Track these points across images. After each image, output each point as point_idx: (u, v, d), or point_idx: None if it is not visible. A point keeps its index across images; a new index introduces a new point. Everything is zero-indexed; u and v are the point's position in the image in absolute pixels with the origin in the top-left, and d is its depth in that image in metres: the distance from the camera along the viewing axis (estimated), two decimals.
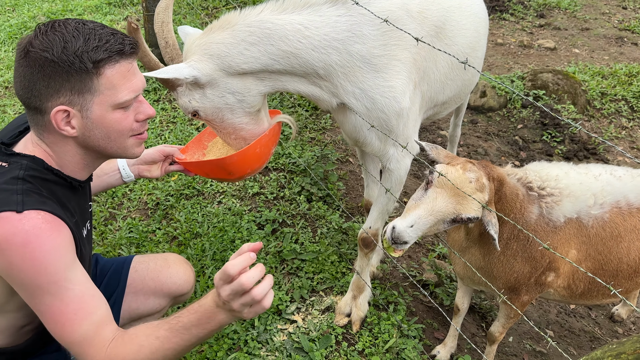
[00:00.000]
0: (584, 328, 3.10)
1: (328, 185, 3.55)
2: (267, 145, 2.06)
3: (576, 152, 4.50)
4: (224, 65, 1.83)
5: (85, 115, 1.38)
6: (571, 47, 6.51)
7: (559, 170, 2.12)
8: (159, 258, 2.06)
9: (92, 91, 1.35)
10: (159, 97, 4.54)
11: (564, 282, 2.13)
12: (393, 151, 2.21)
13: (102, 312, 1.38)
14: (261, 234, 3.10)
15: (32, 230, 1.25)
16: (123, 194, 3.44)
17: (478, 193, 1.79)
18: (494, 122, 4.87)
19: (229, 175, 2.03)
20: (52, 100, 1.34)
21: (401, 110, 2.07)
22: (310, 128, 4.29)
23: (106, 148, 1.46)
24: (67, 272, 1.32)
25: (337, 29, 1.88)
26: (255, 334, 2.49)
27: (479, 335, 2.82)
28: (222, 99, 1.90)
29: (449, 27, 2.19)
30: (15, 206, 1.26)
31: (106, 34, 1.36)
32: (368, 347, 2.48)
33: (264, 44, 1.83)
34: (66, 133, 1.38)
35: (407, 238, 1.76)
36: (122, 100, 1.40)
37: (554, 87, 4.96)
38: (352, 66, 1.95)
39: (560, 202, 2.02)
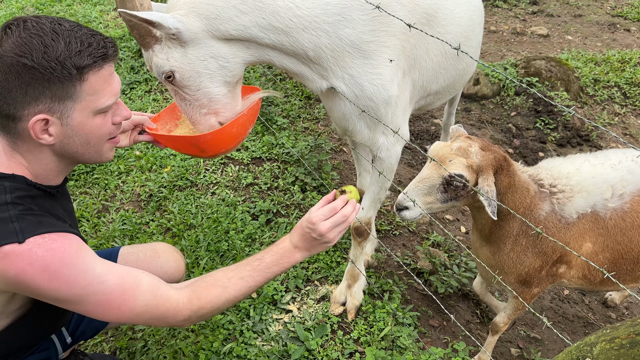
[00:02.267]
0: (578, 314, 3.12)
1: (322, 175, 3.54)
2: (244, 125, 1.98)
3: (569, 139, 4.52)
4: (212, 28, 1.75)
5: (65, 122, 1.31)
6: (564, 34, 6.50)
7: (571, 166, 2.11)
8: (148, 248, 2.03)
9: (73, 98, 1.29)
10: (151, 88, 4.50)
11: (578, 272, 2.15)
12: (383, 140, 2.19)
13: (147, 280, 1.41)
14: (255, 224, 3.09)
15: (46, 253, 1.23)
16: (116, 185, 3.42)
17: (459, 157, 1.91)
18: (487, 109, 4.87)
19: (201, 153, 1.94)
20: (30, 108, 1.26)
21: (389, 98, 2.05)
22: (304, 118, 4.27)
23: (83, 154, 1.41)
24: (94, 270, 1.32)
25: (327, 12, 1.85)
26: (251, 324, 2.49)
27: (473, 322, 2.84)
28: (204, 63, 1.80)
29: (441, 15, 2.17)
30: (16, 237, 1.21)
31: (86, 36, 1.29)
32: (363, 335, 2.49)
33: (255, 15, 1.77)
34: (44, 142, 1.31)
35: (406, 203, 1.96)
36: (104, 105, 1.36)
37: (547, 74, 4.96)
38: (341, 51, 1.93)
39: (572, 198, 2.02)
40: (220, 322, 2.49)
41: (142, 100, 4.33)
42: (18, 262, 1.20)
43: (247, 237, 3.01)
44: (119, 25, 5.60)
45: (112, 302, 1.34)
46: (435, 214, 3.56)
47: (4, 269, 1.21)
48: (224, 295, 1.48)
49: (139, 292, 1.38)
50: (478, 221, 2.15)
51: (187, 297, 1.44)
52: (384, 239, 3.18)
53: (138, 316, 1.39)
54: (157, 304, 1.40)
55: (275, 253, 1.57)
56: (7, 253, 1.20)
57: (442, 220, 3.56)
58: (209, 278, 1.51)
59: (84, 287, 1.29)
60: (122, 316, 1.37)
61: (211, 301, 1.46)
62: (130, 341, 2.44)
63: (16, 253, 1.20)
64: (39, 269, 1.22)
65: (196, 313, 1.46)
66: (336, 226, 1.55)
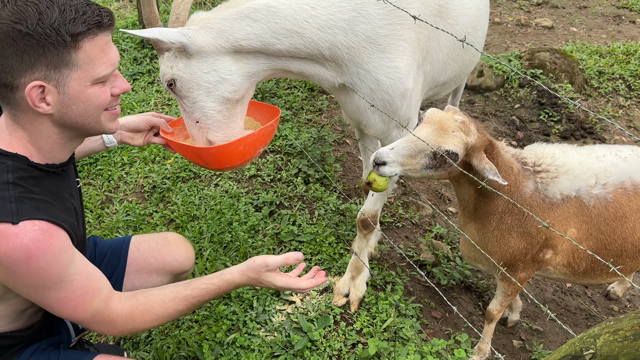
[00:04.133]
0: (580, 306, 3.13)
1: (325, 167, 3.55)
2: (254, 144, 1.95)
3: (573, 132, 4.50)
4: (221, 40, 1.78)
5: (62, 90, 1.31)
6: (569, 26, 6.46)
7: (557, 149, 2.12)
8: (160, 237, 2.06)
9: (69, 66, 1.29)
10: (154, 79, 4.50)
11: (564, 259, 2.14)
12: (396, 133, 2.20)
13: (107, 288, 1.46)
14: (259, 216, 3.10)
15: (31, 243, 1.25)
16: (119, 177, 3.43)
17: (460, 132, 1.82)
18: (491, 102, 4.86)
19: (206, 165, 1.96)
20: (26, 76, 1.26)
21: (406, 91, 2.05)
22: (307, 110, 4.26)
23: (84, 124, 1.41)
24: (69, 268, 1.35)
25: (343, 9, 1.85)
26: (254, 315, 2.51)
27: (475, 314, 2.84)
28: (205, 76, 1.82)
29: (451, 6, 2.16)
30: (11, 217, 1.24)
31: (81, 5, 1.29)
32: (366, 326, 2.50)
33: (267, 22, 1.78)
34: (41, 110, 1.31)
35: (385, 158, 1.82)
36: (101, 74, 1.35)
37: (551, 66, 4.94)
38: (357, 47, 1.91)
39: (557, 178, 2.02)
40: (224, 313, 2.50)
41: (145, 91, 4.33)
42: (3, 244, 1.23)
43: (250, 228, 3.02)
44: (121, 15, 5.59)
45: (71, 300, 1.38)
46: (438, 207, 3.56)
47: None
48: (157, 322, 1.55)
49: (97, 298, 1.42)
50: (460, 197, 2.12)
51: (125, 315, 1.49)
52: (387, 231, 3.18)
53: (85, 319, 1.44)
54: (104, 312, 1.45)
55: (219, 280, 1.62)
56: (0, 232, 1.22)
57: (445, 212, 3.56)
58: (146, 300, 1.54)
59: (54, 282, 1.33)
60: (74, 314, 1.41)
61: (143, 324, 1.53)
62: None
63: (4, 234, 1.22)
64: (20, 256, 1.24)
65: (129, 330, 1.53)
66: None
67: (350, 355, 2.36)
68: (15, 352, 1.53)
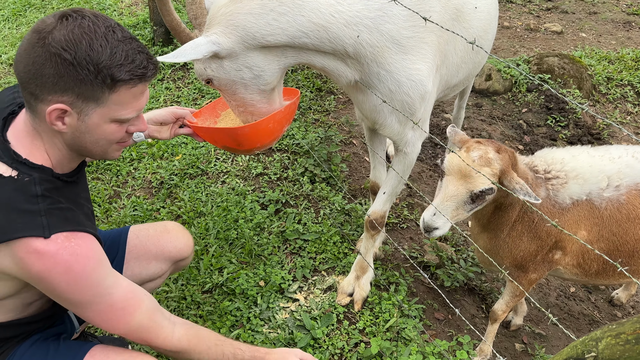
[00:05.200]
0: (583, 311, 3.13)
1: (331, 167, 3.56)
2: (281, 122, 2.01)
3: (580, 137, 4.49)
4: (247, 37, 1.77)
5: (82, 119, 1.34)
6: (578, 31, 6.44)
7: (566, 154, 2.13)
8: (158, 225, 2.09)
9: (98, 102, 1.32)
10: (163, 77, 4.53)
11: (573, 260, 2.16)
12: (411, 135, 2.21)
13: (147, 302, 1.50)
14: (264, 214, 3.12)
15: (71, 258, 1.29)
16: (127, 172, 3.46)
17: (484, 167, 1.89)
18: (498, 105, 4.86)
19: (238, 146, 1.99)
20: (54, 96, 1.28)
21: (425, 93, 2.06)
22: (314, 109, 4.28)
23: (91, 150, 1.44)
24: (107, 280, 1.40)
25: (369, 7, 1.85)
26: (258, 312, 2.53)
27: (478, 316, 2.85)
28: (239, 73, 1.85)
29: (466, 10, 2.17)
30: (42, 231, 1.27)
31: (133, 52, 1.31)
32: (369, 326, 2.52)
33: (293, 14, 1.76)
34: (56, 128, 1.34)
35: (435, 225, 1.95)
36: (125, 117, 1.38)
37: (559, 71, 4.93)
38: (381, 46, 1.91)
39: (566, 184, 2.04)
40: (228, 309, 2.52)
41: (155, 88, 4.36)
42: (45, 261, 1.27)
43: (256, 226, 3.04)
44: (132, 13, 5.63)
45: (111, 313, 1.43)
46: None
47: (29, 263, 1.27)
48: (205, 354, 1.57)
49: (139, 312, 1.46)
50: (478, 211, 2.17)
51: (181, 335, 1.54)
52: (391, 232, 3.19)
53: (130, 332, 1.48)
54: (149, 327, 1.48)
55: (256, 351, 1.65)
56: (36, 249, 1.26)
57: None
58: (203, 332, 1.61)
59: (94, 294, 1.38)
60: (117, 327, 1.45)
61: (196, 351, 1.56)
62: None
63: (44, 251, 1.27)
64: (61, 271, 1.29)
65: (178, 351, 1.55)
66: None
67: (352, 354, 2.38)
68: (17, 342, 1.56)
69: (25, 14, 5.73)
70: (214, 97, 4.18)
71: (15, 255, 1.27)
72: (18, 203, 1.29)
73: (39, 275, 1.29)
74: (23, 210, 1.28)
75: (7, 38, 5.24)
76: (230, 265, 2.78)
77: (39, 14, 5.67)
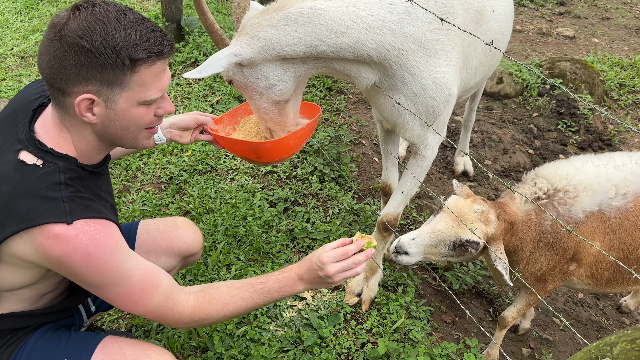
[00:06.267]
0: (591, 318, 3.11)
1: (341, 167, 3.56)
2: (301, 138, 2.05)
3: (591, 143, 4.47)
4: (267, 48, 1.81)
5: (109, 106, 1.37)
6: (590, 37, 6.41)
7: (570, 167, 2.14)
8: (168, 220, 2.11)
9: (122, 86, 1.34)
10: (174, 73, 4.54)
11: (587, 271, 2.18)
12: (431, 138, 2.21)
13: (166, 282, 1.50)
14: (273, 212, 3.12)
15: (90, 242, 1.31)
16: (137, 167, 3.46)
17: (480, 223, 1.92)
18: (509, 109, 4.84)
19: (257, 159, 2.03)
20: (80, 87, 1.32)
21: (450, 96, 2.05)
22: (324, 109, 4.28)
23: (122, 138, 1.47)
24: (126, 263, 1.41)
25: (392, 10, 1.84)
26: (265, 309, 2.52)
27: (485, 320, 2.84)
28: (256, 81, 1.90)
29: (485, 13, 2.17)
30: (65, 217, 1.29)
31: (146, 31, 1.33)
32: (376, 326, 2.51)
33: (312, 24, 1.78)
34: (86, 119, 1.37)
35: (407, 248, 1.94)
36: (150, 98, 1.40)
37: (571, 76, 4.90)
38: (406, 49, 1.90)
39: (577, 197, 2.03)
40: None
41: None
42: (64, 246, 1.29)
43: (265, 223, 3.04)
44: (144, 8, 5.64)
45: (131, 295, 1.45)
46: None
47: (50, 249, 1.29)
48: (223, 312, 1.56)
49: (156, 293, 1.48)
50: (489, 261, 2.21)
51: (192, 305, 1.54)
52: (400, 233, 3.18)
53: (148, 312, 1.50)
54: (167, 306, 1.50)
55: (279, 281, 1.59)
56: (57, 234, 1.28)
57: None
58: (214, 291, 1.58)
59: (114, 278, 1.39)
60: (135, 309, 1.48)
61: (210, 315, 1.55)
62: (147, 320, 2.48)
63: (64, 236, 1.28)
64: (81, 255, 1.31)
65: (195, 322, 1.56)
66: (344, 271, 1.55)
67: (359, 354, 2.37)
68: (28, 332, 1.57)
69: (38, 7, 5.76)
70: (224, 95, 4.19)
71: (36, 241, 1.29)
72: (41, 190, 1.31)
73: (59, 260, 1.31)
74: (46, 197, 1.30)
75: (19, 31, 5.27)
76: (238, 262, 2.78)
77: (50, 7, 5.69)
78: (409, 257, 1.94)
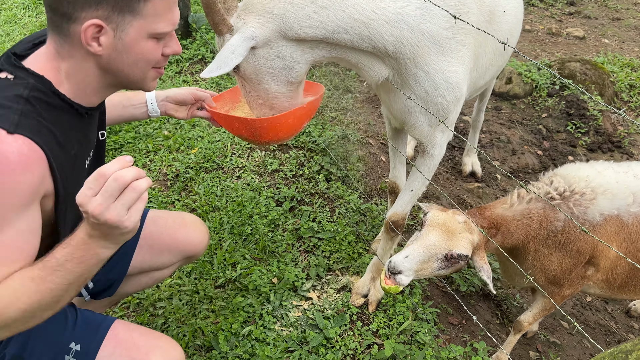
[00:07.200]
0: (600, 321, 3.07)
1: (347, 166, 3.53)
2: (301, 118, 1.96)
3: (600, 145, 4.42)
4: (285, 27, 1.72)
5: (118, 35, 1.27)
6: (601, 37, 6.35)
7: (591, 170, 2.13)
8: (177, 216, 2.04)
9: (134, 13, 1.26)
10: (181, 69, 4.52)
11: (603, 275, 2.17)
12: (440, 137, 2.18)
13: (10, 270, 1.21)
14: (279, 210, 3.10)
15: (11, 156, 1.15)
16: (143, 164, 3.45)
17: (466, 233, 1.93)
18: (518, 109, 4.79)
19: (253, 137, 1.94)
20: (88, 11, 1.21)
21: (460, 96, 2.03)
22: (332, 108, 4.25)
23: (128, 75, 1.37)
24: (10, 213, 1.19)
25: (410, 5, 1.81)
26: (271, 309, 2.51)
27: (493, 322, 2.81)
28: (270, 63, 1.81)
29: (497, 13, 2.15)
30: (9, 125, 1.17)
31: None
32: (382, 327, 2.48)
33: (334, 9, 1.71)
34: (91, 49, 1.26)
35: (401, 267, 1.88)
36: (161, 30, 1.33)
37: (581, 77, 4.85)
38: (421, 45, 1.87)
39: (595, 200, 2.01)
40: (241, 305, 2.50)
41: (172, 81, 4.36)
42: None
43: (271, 222, 3.02)
44: None
45: None
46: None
47: None
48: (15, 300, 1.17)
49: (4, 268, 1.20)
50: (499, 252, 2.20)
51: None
52: (406, 234, 3.15)
53: None
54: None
55: (67, 245, 1.20)
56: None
57: None
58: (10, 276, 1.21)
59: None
60: None
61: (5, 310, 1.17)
62: (151, 317, 2.47)
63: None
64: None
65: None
66: (115, 200, 1.11)
67: (365, 355, 2.35)
68: None
69: None
70: None
71: None
72: (1, 99, 1.22)
73: None
74: (2, 105, 1.21)
75: (26, 26, 5.27)
76: (243, 260, 2.76)
77: None
78: (403, 275, 1.89)
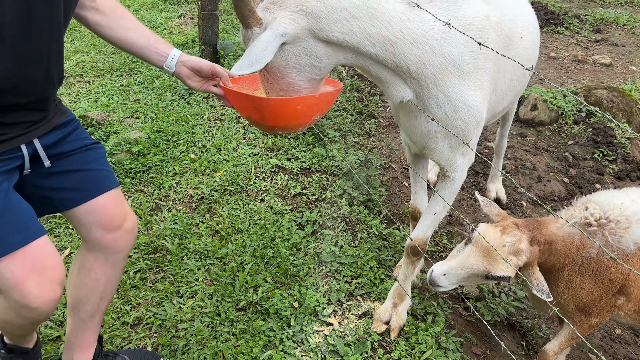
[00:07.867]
0: (630, 355, 2.97)
1: (370, 190, 3.53)
2: (311, 107, 1.90)
3: (628, 173, 4.33)
4: (316, 26, 1.74)
5: None
6: (628, 64, 6.28)
7: (625, 197, 2.11)
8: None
9: None
10: (209, 95, 4.62)
11: (635, 306, 2.11)
12: (461, 161, 2.19)
13: None
14: (301, 234, 3.11)
15: None
16: (170, 186, 3.51)
17: (511, 256, 1.93)
18: (543, 136, 4.75)
19: (260, 120, 1.90)
20: None
21: (480, 120, 2.05)
22: (355, 132, 4.28)
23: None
24: None
25: (435, 28, 1.85)
26: (291, 333, 2.49)
27: (518, 353, 2.74)
28: (297, 58, 1.81)
29: (514, 39, 2.17)
30: None
31: None
32: (404, 356, 2.45)
33: (364, 22, 1.75)
34: None
35: (439, 283, 2.01)
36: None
37: (608, 104, 4.79)
38: (443, 68, 1.90)
39: (629, 229, 1.99)
40: (261, 328, 2.50)
41: (200, 105, 4.45)
42: None
43: (293, 246, 3.03)
44: (182, 32, 5.80)
45: None
46: None
47: None
48: None
49: None
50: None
51: None
52: (429, 261, 3.12)
53: None
54: None
55: None
56: None
57: None
58: None
59: None
60: None
61: None
62: (173, 339, 2.48)
63: None
64: None
65: None
66: None
67: None
68: None
69: (80, 29, 5.98)
70: None
71: None
72: None
73: None
74: None
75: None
76: (265, 284, 2.76)
77: None
78: (443, 288, 2.02)
